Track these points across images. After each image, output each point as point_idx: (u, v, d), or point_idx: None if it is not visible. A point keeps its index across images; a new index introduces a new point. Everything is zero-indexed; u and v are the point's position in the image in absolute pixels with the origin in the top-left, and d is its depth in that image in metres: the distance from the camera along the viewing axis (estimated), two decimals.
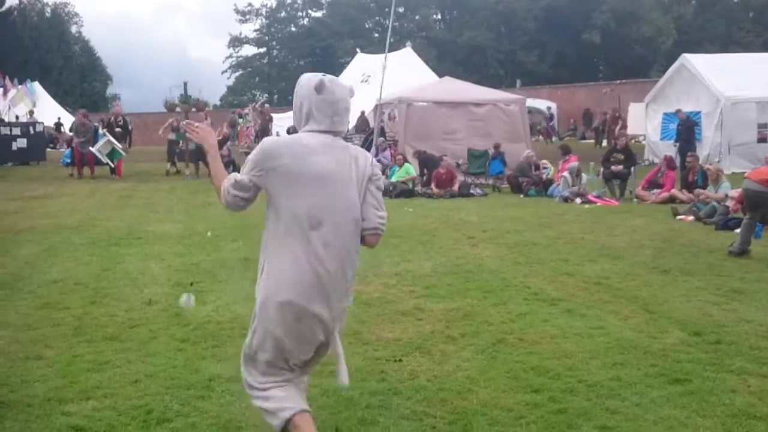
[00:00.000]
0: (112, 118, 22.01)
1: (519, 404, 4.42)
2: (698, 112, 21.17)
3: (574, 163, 16.00)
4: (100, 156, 20.67)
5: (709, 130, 20.91)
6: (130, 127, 21.86)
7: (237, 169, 15.05)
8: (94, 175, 20.91)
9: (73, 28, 69.86)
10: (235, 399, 4.51)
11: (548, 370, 4.98)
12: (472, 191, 16.59)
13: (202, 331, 5.93)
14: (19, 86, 35.01)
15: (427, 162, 17.94)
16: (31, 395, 4.60)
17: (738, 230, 10.88)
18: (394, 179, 16.79)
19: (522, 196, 16.28)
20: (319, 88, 3.30)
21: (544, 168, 17.45)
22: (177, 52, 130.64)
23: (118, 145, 20.94)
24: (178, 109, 21.68)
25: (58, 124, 37.81)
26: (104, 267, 8.55)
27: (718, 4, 58.70)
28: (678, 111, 20.72)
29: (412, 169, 17.37)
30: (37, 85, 41.39)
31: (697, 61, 22.46)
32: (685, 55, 23.29)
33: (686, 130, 20.08)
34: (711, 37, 55.69)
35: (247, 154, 31.19)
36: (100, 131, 21.38)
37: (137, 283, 7.69)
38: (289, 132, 22.22)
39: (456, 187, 16.40)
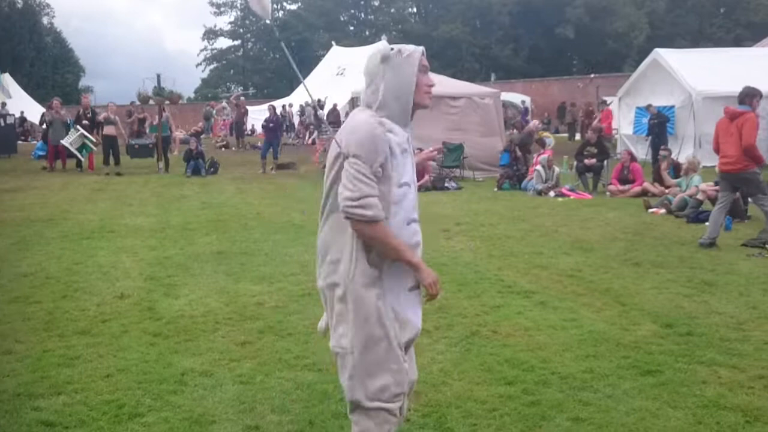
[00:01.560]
0: (81, 111, 21.80)
1: (493, 396, 4.43)
2: (671, 107, 21.35)
3: (545, 155, 16.06)
4: (71, 149, 20.49)
5: (681, 124, 21.12)
6: (98, 119, 21.63)
7: (211, 163, 14.94)
8: (66, 168, 20.73)
9: (45, 20, 68.98)
10: (207, 393, 4.49)
11: (522, 362, 5.01)
12: (446, 185, 16.61)
13: (174, 325, 5.89)
14: None
15: None
16: (0, 390, 4.54)
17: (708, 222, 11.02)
18: None
19: (496, 189, 16.33)
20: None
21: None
22: (154, 44, 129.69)
23: (91, 138, 20.76)
24: (151, 102, 21.44)
25: (22, 119, 37.04)
26: (76, 260, 8.46)
27: (689, 0, 59.23)
28: (649, 105, 20.88)
29: None
30: (8, 76, 40.79)
31: (669, 56, 22.63)
32: (658, 50, 23.45)
33: (658, 125, 20.27)
34: (683, 32, 56.26)
35: (222, 147, 30.85)
36: (72, 126, 21.21)
37: (109, 277, 7.62)
38: (267, 125, 22.13)
39: (425, 180, 16.39)
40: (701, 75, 20.94)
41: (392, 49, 3.19)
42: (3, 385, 4.62)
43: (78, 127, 20.66)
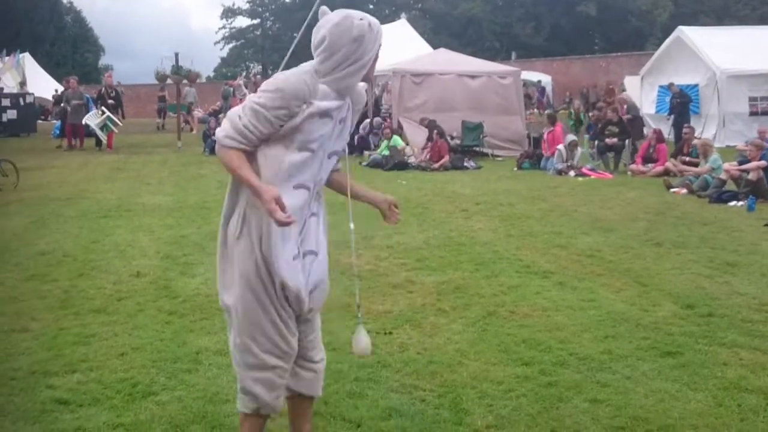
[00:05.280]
0: (104, 90, 21.86)
1: (509, 377, 4.37)
2: (695, 86, 21.07)
3: (571, 136, 15.92)
4: (93, 127, 20.57)
5: (705, 103, 20.86)
6: (122, 99, 21.77)
7: None
8: (83, 147, 20.81)
9: None
10: (222, 372, 4.46)
11: (539, 342, 4.94)
12: (466, 164, 16.50)
13: (190, 304, 5.87)
14: (6, 58, 34.55)
15: (434, 127, 17.66)
16: (15, 368, 4.54)
17: (732, 203, 10.90)
18: (380, 152, 16.97)
19: (516, 168, 16.21)
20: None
21: None
22: (178, 24, 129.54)
23: (114, 120, 20.84)
24: (169, 81, 21.47)
25: (59, 97, 37.20)
26: (93, 239, 8.47)
27: None
28: (671, 84, 20.62)
29: (399, 140, 17.34)
30: (27, 56, 40.91)
31: (693, 34, 22.32)
32: (681, 27, 23.12)
33: (680, 104, 20.01)
34: (707, 10, 55.29)
35: None
36: (94, 104, 21.31)
37: (126, 256, 7.62)
38: None
39: (444, 159, 16.28)
40: (726, 53, 20.65)
41: (364, 22, 2.97)
42: (18, 363, 4.62)
43: (104, 109, 20.75)
